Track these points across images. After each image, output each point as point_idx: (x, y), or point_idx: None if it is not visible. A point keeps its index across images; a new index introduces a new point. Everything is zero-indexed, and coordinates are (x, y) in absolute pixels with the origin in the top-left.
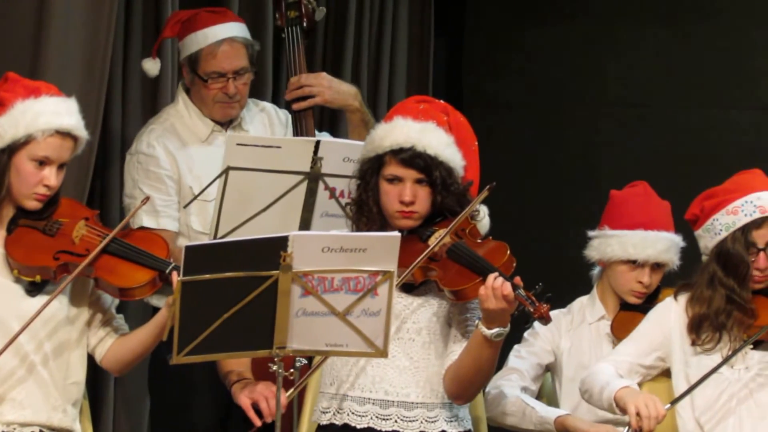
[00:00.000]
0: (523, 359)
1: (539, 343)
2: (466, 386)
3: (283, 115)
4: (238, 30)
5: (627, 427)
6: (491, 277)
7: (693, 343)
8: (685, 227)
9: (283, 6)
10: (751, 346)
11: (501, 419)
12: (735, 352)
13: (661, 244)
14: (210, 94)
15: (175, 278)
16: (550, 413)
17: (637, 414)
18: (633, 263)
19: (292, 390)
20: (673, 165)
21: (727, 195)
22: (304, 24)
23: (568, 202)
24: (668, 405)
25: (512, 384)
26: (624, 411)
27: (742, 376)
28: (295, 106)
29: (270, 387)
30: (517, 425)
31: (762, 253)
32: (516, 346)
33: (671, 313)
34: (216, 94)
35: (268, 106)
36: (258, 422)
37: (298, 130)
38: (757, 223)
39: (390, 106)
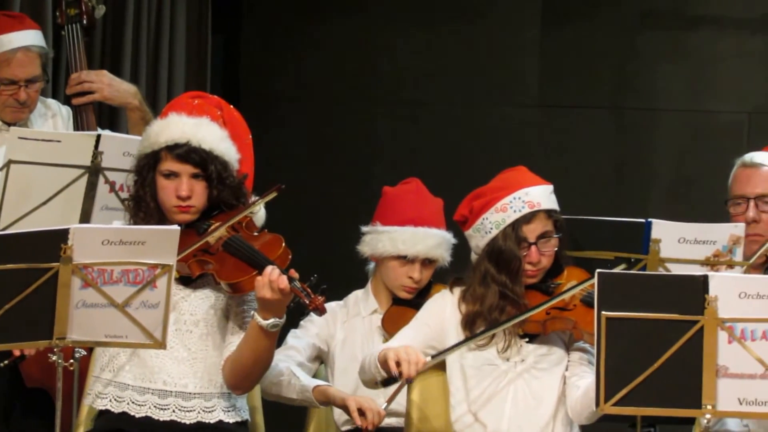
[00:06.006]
0: (300, 339)
1: (314, 329)
2: (244, 376)
3: (66, 111)
4: (33, 38)
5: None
6: (268, 268)
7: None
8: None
9: (63, 4)
10: (527, 339)
11: (269, 389)
12: (505, 322)
13: (431, 240)
14: (0, 99)
15: None
16: (311, 382)
17: (397, 362)
18: (404, 259)
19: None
20: (446, 162)
21: (495, 193)
22: (84, 21)
23: (344, 197)
24: (428, 358)
25: (288, 359)
26: (386, 365)
27: (517, 368)
28: (75, 101)
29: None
30: (281, 394)
31: (534, 247)
32: (293, 330)
33: (447, 306)
34: (7, 99)
35: (52, 102)
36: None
37: (79, 124)
38: (527, 218)
39: None
